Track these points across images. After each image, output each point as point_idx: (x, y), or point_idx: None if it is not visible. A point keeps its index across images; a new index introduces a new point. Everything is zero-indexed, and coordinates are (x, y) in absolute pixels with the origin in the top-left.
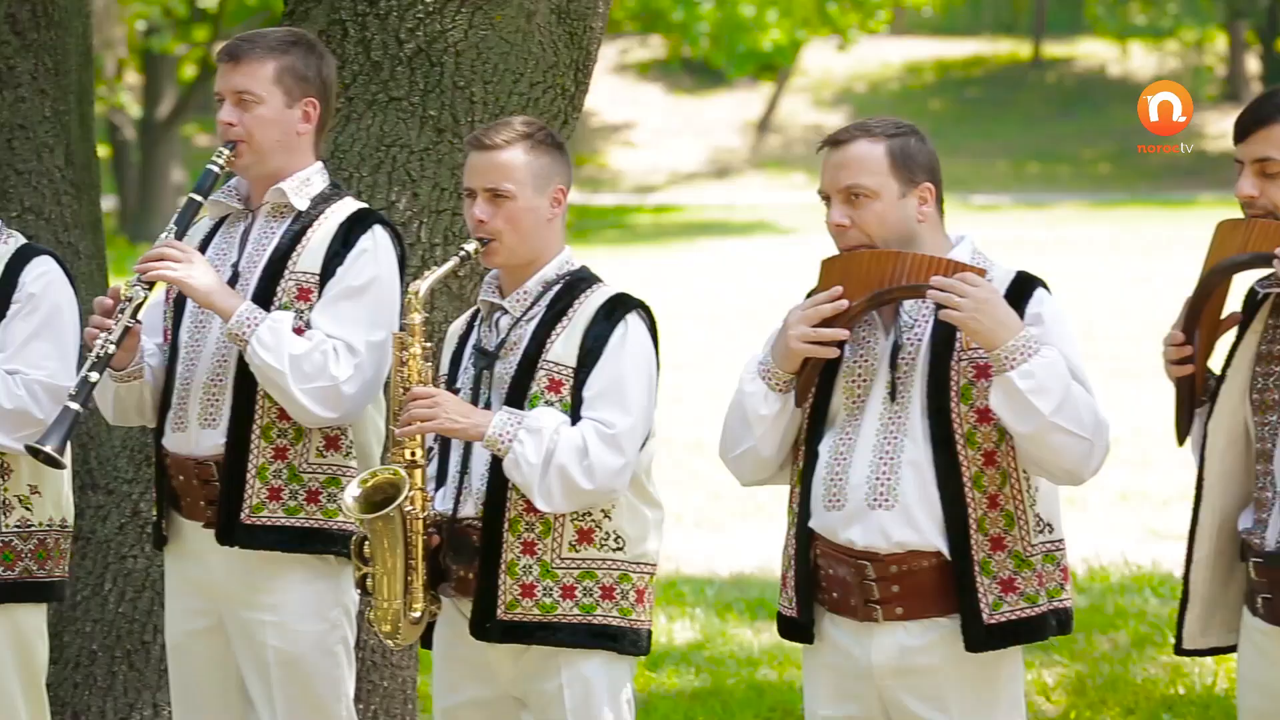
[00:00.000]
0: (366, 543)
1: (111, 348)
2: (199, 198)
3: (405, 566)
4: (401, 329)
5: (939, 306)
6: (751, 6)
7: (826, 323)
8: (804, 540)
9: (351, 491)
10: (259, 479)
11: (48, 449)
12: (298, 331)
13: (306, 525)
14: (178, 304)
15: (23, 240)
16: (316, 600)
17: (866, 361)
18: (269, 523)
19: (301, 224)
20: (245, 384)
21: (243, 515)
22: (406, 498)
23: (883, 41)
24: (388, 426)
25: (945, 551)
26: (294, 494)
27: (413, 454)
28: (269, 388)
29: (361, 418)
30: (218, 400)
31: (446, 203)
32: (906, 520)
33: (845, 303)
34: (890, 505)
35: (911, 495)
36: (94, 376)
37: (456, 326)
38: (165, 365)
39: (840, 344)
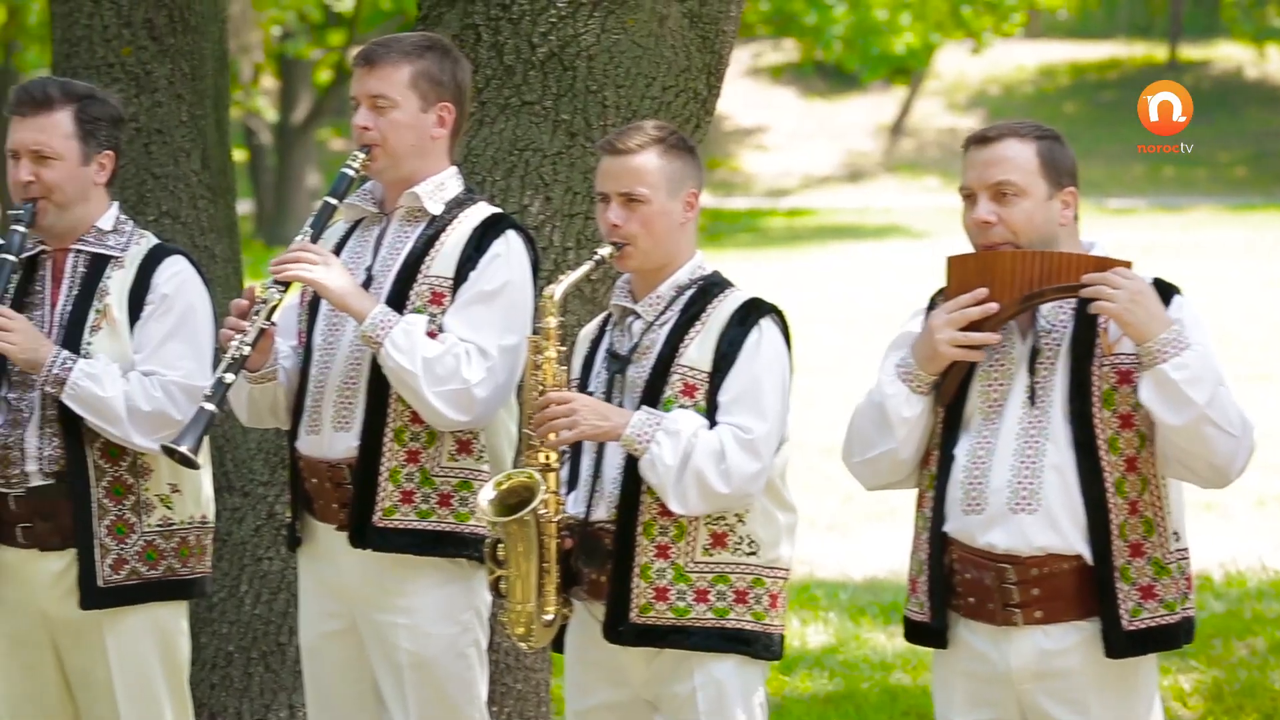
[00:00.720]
0: (500, 546)
1: (246, 349)
2: (334, 201)
3: (539, 569)
4: (536, 333)
5: (1081, 306)
6: (885, 10)
7: (973, 325)
8: (937, 544)
9: (486, 494)
10: (391, 482)
11: (183, 449)
12: (430, 335)
13: (438, 529)
14: (312, 307)
15: (155, 241)
16: (448, 603)
17: (1003, 365)
18: (401, 525)
19: (435, 228)
20: (379, 387)
21: (375, 518)
22: (541, 501)
23: (1017, 44)
24: (520, 430)
25: (1086, 556)
26: (426, 497)
27: (547, 457)
28: (401, 390)
29: (493, 422)
30: (351, 403)
31: (579, 206)
32: (1049, 524)
33: (994, 305)
34: (1033, 509)
35: (1054, 499)
36: (229, 378)
37: (588, 331)
38: (299, 368)
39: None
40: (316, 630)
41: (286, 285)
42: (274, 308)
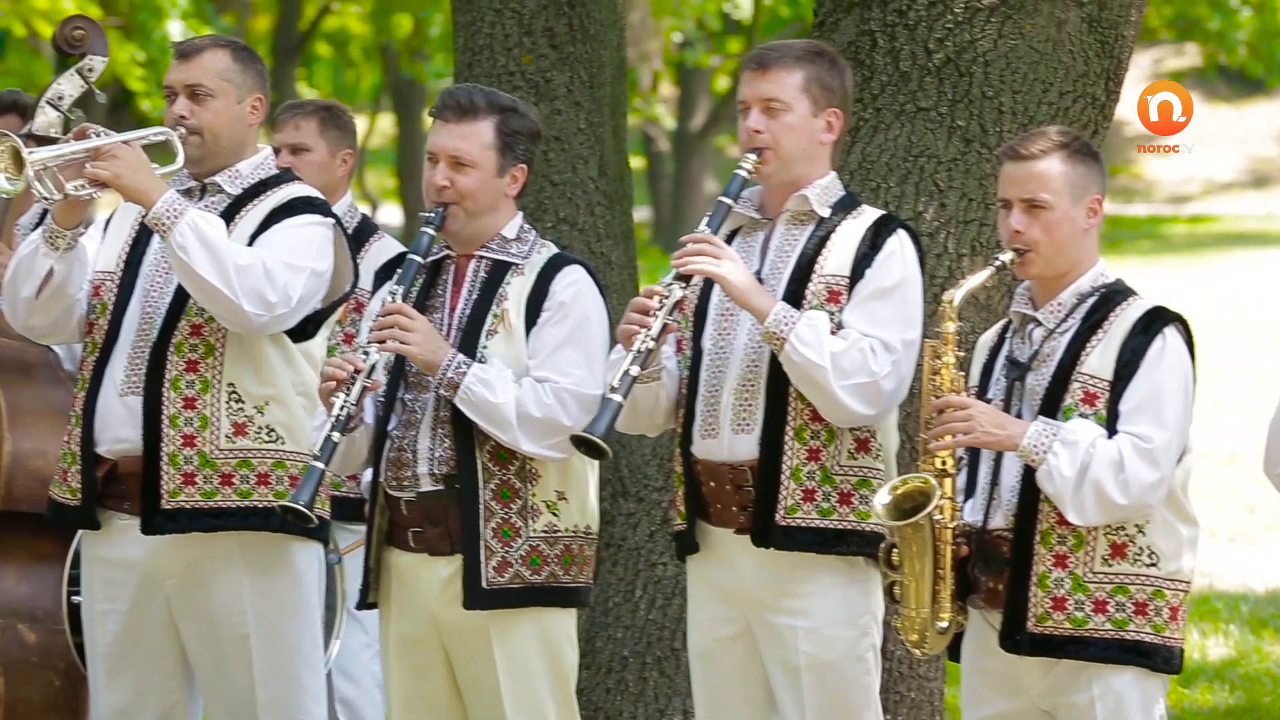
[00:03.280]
0: (895, 550)
1: (651, 343)
2: (729, 200)
3: (933, 575)
4: (934, 338)
5: None
6: None
7: None
8: None
9: (881, 498)
10: (794, 480)
11: (594, 437)
12: (832, 333)
13: (840, 527)
14: (699, 312)
15: (554, 250)
16: (847, 606)
17: None
18: (804, 524)
19: (825, 230)
20: (778, 386)
21: (778, 516)
22: (936, 506)
23: None
24: (904, 434)
25: None
26: (827, 495)
27: (943, 463)
28: (805, 386)
29: (886, 421)
30: (750, 405)
31: (974, 213)
32: None
33: None
34: None
35: None
36: (635, 371)
37: (987, 337)
38: (685, 374)
39: None
40: (709, 635)
41: (688, 279)
42: (676, 303)
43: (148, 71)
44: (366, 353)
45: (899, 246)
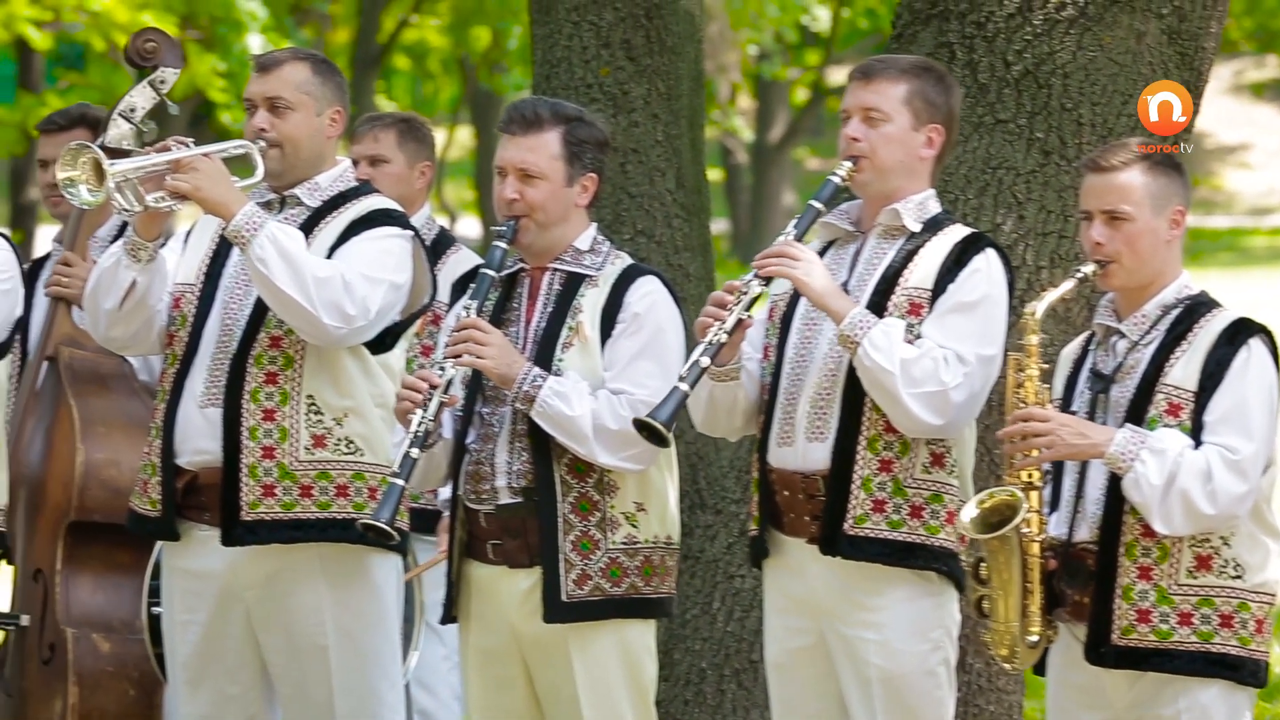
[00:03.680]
0: (983, 564)
1: (724, 336)
2: (819, 205)
3: (1022, 589)
4: (1017, 351)
5: None
6: None
7: None
8: None
9: (969, 512)
10: (864, 490)
11: (656, 423)
12: (908, 342)
13: (909, 540)
14: (784, 319)
15: (628, 261)
16: (919, 619)
17: None
18: (872, 534)
19: (914, 244)
20: (854, 395)
21: (846, 526)
22: (1023, 519)
23: None
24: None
25: None
26: (898, 507)
27: (1029, 476)
28: (875, 392)
29: (963, 438)
30: (825, 413)
31: (1053, 225)
32: None
33: None
34: None
35: None
36: (705, 361)
37: (1071, 349)
38: (766, 380)
39: None
40: (783, 646)
41: (768, 280)
42: (754, 300)
43: (228, 84)
44: (442, 368)
45: (985, 264)
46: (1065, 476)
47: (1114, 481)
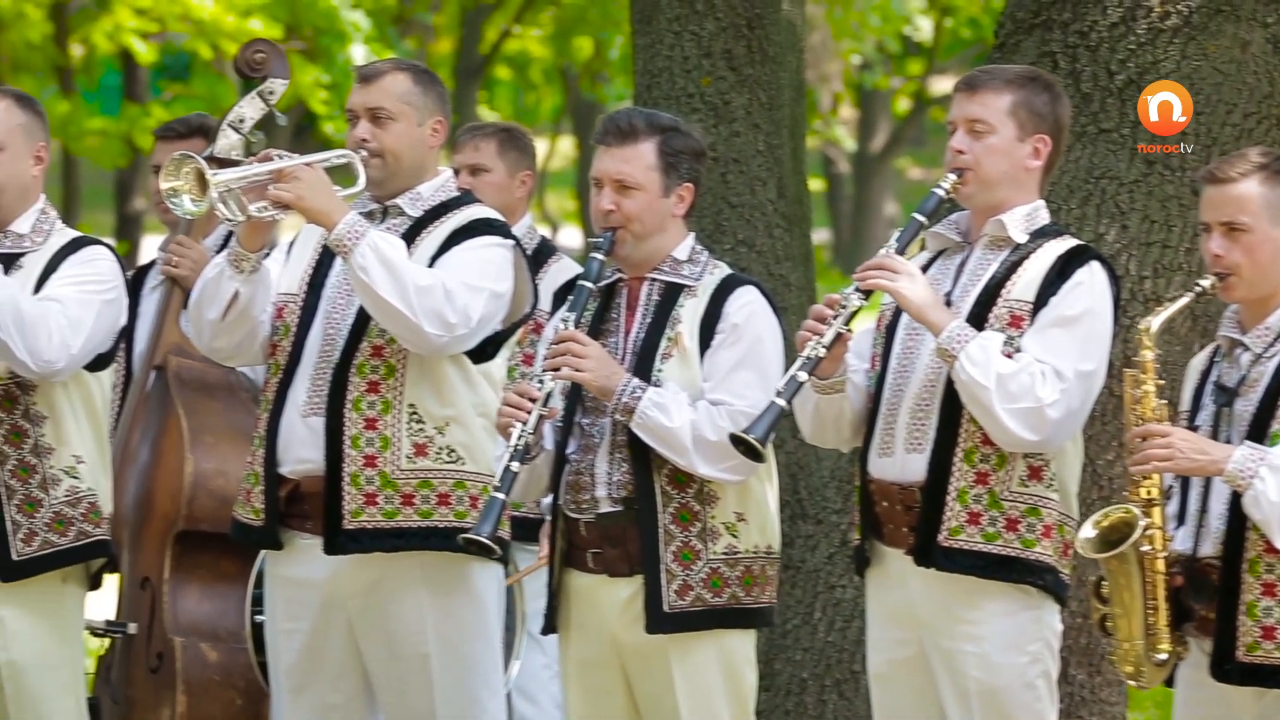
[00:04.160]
0: (1104, 583)
1: (822, 350)
2: (922, 218)
3: (1144, 606)
4: (1132, 366)
5: None
6: None
7: None
8: None
9: (1086, 531)
10: (959, 502)
11: (750, 438)
12: (1007, 356)
13: (1005, 553)
14: (889, 330)
15: (727, 270)
16: (1017, 633)
17: None
18: (966, 546)
19: (1019, 255)
20: (952, 407)
21: (940, 537)
22: (1141, 536)
23: None
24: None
25: None
26: (993, 520)
27: (1149, 492)
28: (972, 405)
29: (1064, 452)
30: (924, 424)
31: (1156, 235)
32: None
33: None
34: None
35: None
36: (802, 376)
37: (1199, 361)
38: (871, 391)
39: None
40: (885, 657)
41: (868, 294)
42: (854, 313)
43: (331, 95)
44: (541, 381)
45: (1088, 278)
46: (1190, 491)
47: (1237, 497)
